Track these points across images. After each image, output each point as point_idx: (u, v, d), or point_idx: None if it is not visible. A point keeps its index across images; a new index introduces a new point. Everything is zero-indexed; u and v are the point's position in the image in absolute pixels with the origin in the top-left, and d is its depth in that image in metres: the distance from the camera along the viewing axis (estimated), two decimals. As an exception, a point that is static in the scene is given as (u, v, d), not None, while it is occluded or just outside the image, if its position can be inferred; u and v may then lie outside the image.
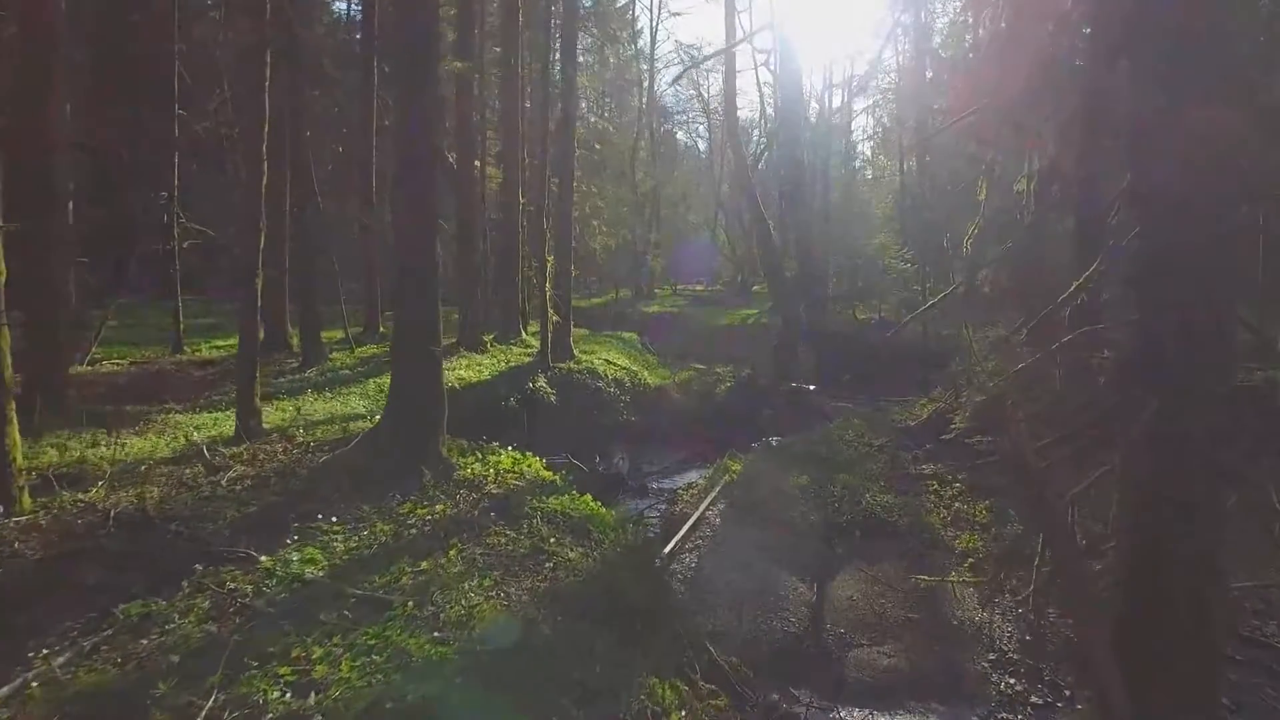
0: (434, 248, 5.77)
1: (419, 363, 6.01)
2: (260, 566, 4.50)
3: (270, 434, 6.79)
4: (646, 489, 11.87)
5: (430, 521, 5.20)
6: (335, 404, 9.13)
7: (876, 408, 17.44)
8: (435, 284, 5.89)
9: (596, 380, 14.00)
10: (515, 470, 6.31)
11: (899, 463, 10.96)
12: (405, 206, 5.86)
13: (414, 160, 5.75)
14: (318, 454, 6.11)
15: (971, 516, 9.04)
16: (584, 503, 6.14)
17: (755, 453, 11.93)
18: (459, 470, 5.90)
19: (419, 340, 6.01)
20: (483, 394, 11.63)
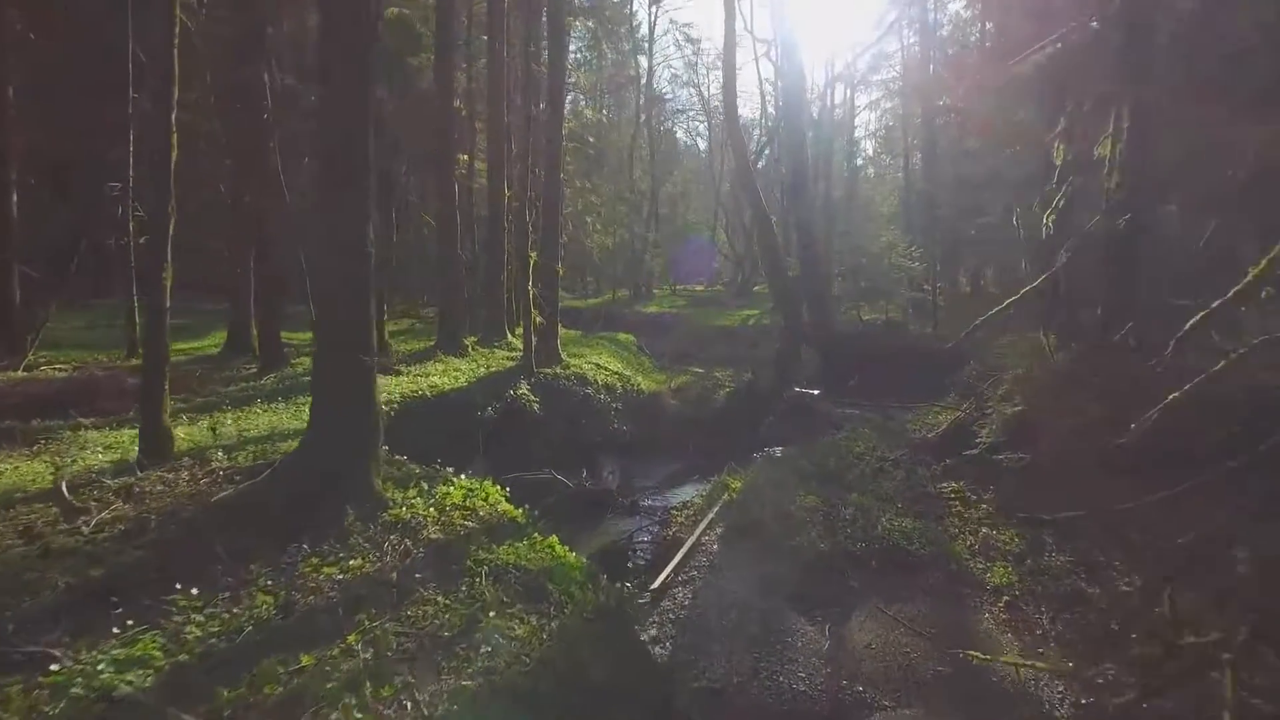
0: (364, 236, 4.70)
1: (345, 377, 4.93)
2: (50, 678, 3.16)
3: (182, 458, 5.73)
4: (638, 507, 10.82)
5: (338, 585, 4.03)
6: (283, 417, 8.11)
7: (886, 415, 16.39)
8: (366, 281, 4.82)
9: (585, 386, 12.97)
10: (467, 505, 5.25)
11: (916, 480, 9.91)
12: (326, 186, 4.82)
13: (338, 130, 4.70)
14: (225, 486, 5.05)
15: (1002, 544, 7.98)
16: (546, 549, 5.09)
17: (757, 467, 10.89)
18: (393, 508, 4.81)
19: (345, 349, 4.89)
20: (456, 403, 10.59)
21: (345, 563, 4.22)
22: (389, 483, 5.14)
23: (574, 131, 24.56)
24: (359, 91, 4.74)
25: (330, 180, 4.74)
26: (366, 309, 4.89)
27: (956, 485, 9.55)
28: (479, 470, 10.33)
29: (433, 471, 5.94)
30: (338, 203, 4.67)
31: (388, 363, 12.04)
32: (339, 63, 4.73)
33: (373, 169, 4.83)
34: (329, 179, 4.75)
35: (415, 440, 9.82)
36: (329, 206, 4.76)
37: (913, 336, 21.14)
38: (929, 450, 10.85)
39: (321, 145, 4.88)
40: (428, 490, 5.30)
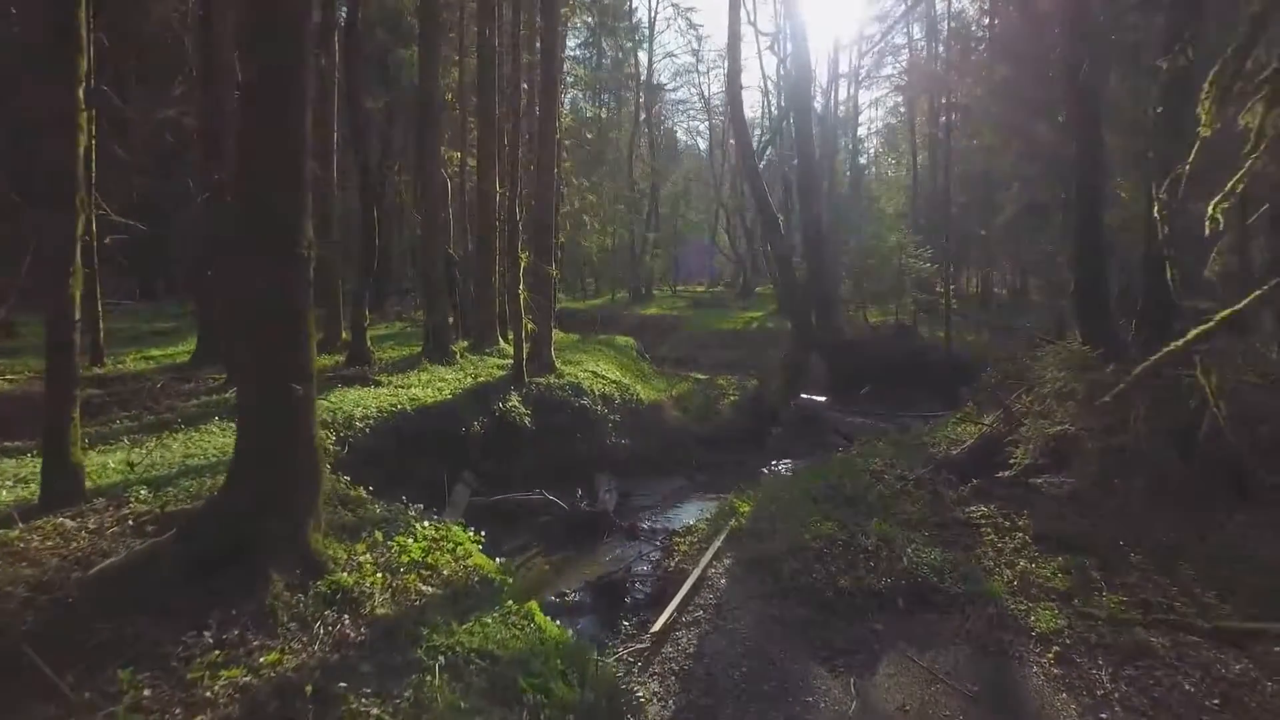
0: (299, 232, 3.81)
1: (273, 410, 3.96)
2: None
3: (96, 499, 4.82)
4: (637, 530, 9.97)
5: (240, 695, 3.00)
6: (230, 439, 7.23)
7: (900, 426, 15.53)
8: (299, 288, 3.91)
9: (581, 396, 12.11)
10: (429, 562, 4.36)
11: (942, 503, 9.04)
12: (248, 169, 3.89)
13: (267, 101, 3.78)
14: (134, 540, 4.16)
15: (1043, 579, 7.12)
16: (523, 621, 4.18)
17: (766, 487, 10.03)
18: (333, 572, 3.93)
19: (273, 374, 3.91)
20: (439, 418, 9.74)
21: (256, 659, 3.22)
22: (332, 537, 4.22)
23: (571, 128, 23.72)
24: (291, 52, 3.84)
25: (252, 161, 3.83)
26: (299, 323, 3.94)
27: (987, 509, 8.69)
28: (462, 494, 9.48)
29: (396, 512, 5.06)
30: (262, 188, 3.77)
31: (368, 372, 11.20)
32: (264, 24, 3.84)
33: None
34: (251, 158, 3.84)
35: (391, 461, 8.99)
36: (249, 191, 3.84)
37: (925, 341, 20.28)
38: (954, 469, 9.99)
39: (242, 121, 3.99)
40: (383, 541, 4.40)
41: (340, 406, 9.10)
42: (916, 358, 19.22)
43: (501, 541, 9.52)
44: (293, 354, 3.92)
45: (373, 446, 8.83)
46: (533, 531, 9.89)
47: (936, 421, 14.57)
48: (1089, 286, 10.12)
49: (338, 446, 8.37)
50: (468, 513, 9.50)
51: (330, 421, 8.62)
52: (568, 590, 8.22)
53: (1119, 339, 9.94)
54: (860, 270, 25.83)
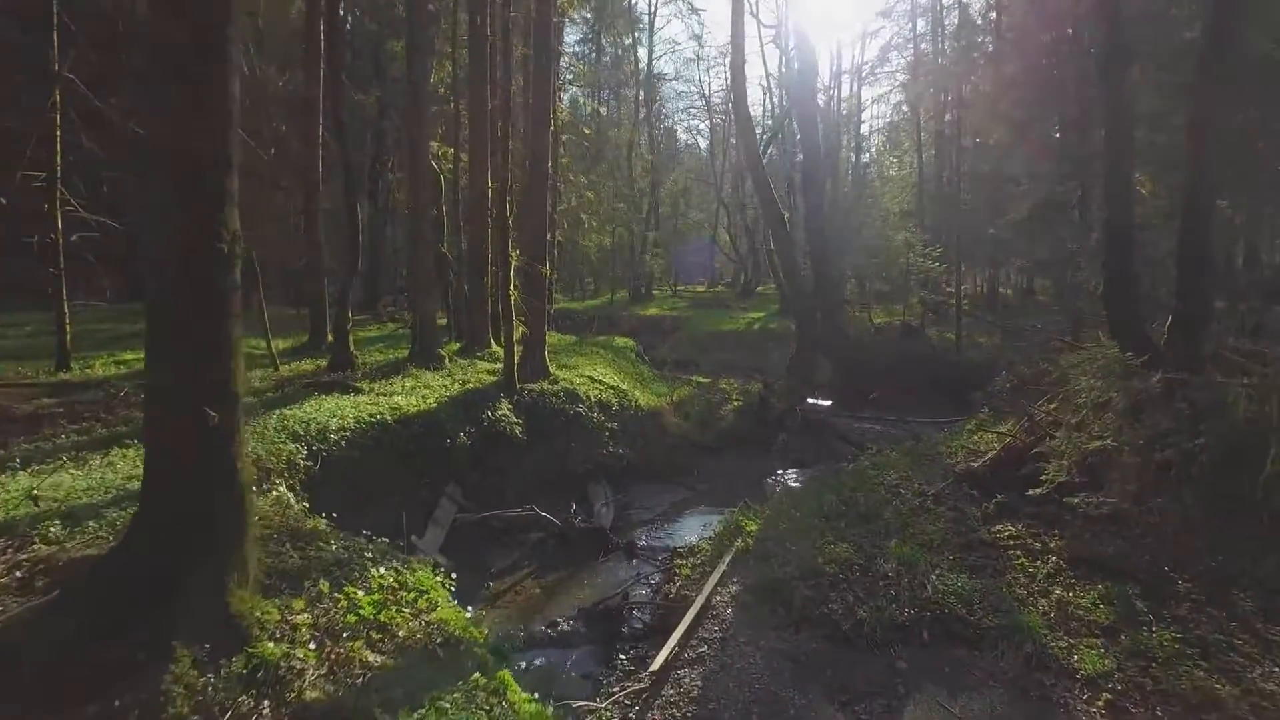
0: (220, 223, 3.11)
1: (184, 439, 3.25)
2: None
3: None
4: (635, 548, 9.30)
5: None
6: None
7: (911, 433, 14.85)
8: (223, 290, 3.20)
9: (576, 404, 11.43)
10: (382, 620, 3.62)
11: (965, 522, 8.36)
12: (165, 142, 3.18)
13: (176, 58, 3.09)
14: (21, 596, 3.48)
15: (1084, 610, 6.45)
16: (492, 700, 3.41)
17: (774, 504, 9.36)
18: (257, 640, 3.20)
19: (186, 394, 3.22)
20: (422, 429, 9.06)
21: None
22: (266, 588, 3.52)
23: (568, 123, 23.01)
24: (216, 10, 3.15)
25: (168, 134, 3.11)
26: (217, 333, 3.25)
27: (1014, 529, 8.01)
28: (447, 511, 8.81)
29: (353, 550, 4.37)
30: (180, 169, 3.07)
31: (349, 378, 10.53)
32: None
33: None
34: (167, 132, 3.12)
35: (370, 477, 8.32)
36: (165, 172, 3.13)
37: (933, 343, 19.58)
38: (975, 482, 9.31)
39: (156, 91, 3.25)
40: (329, 593, 3.70)
41: (315, 417, 8.43)
42: (925, 360, 18.53)
43: (490, 561, 8.86)
44: (209, 370, 3.22)
45: (349, 461, 8.17)
46: (524, 550, 9.22)
47: (949, 428, 13.91)
48: (1120, 287, 9.44)
49: (310, 461, 7.70)
50: (453, 530, 8.84)
51: (302, 434, 7.95)
52: (560, 619, 7.54)
53: (1152, 343, 9.25)
54: (865, 269, 25.16)
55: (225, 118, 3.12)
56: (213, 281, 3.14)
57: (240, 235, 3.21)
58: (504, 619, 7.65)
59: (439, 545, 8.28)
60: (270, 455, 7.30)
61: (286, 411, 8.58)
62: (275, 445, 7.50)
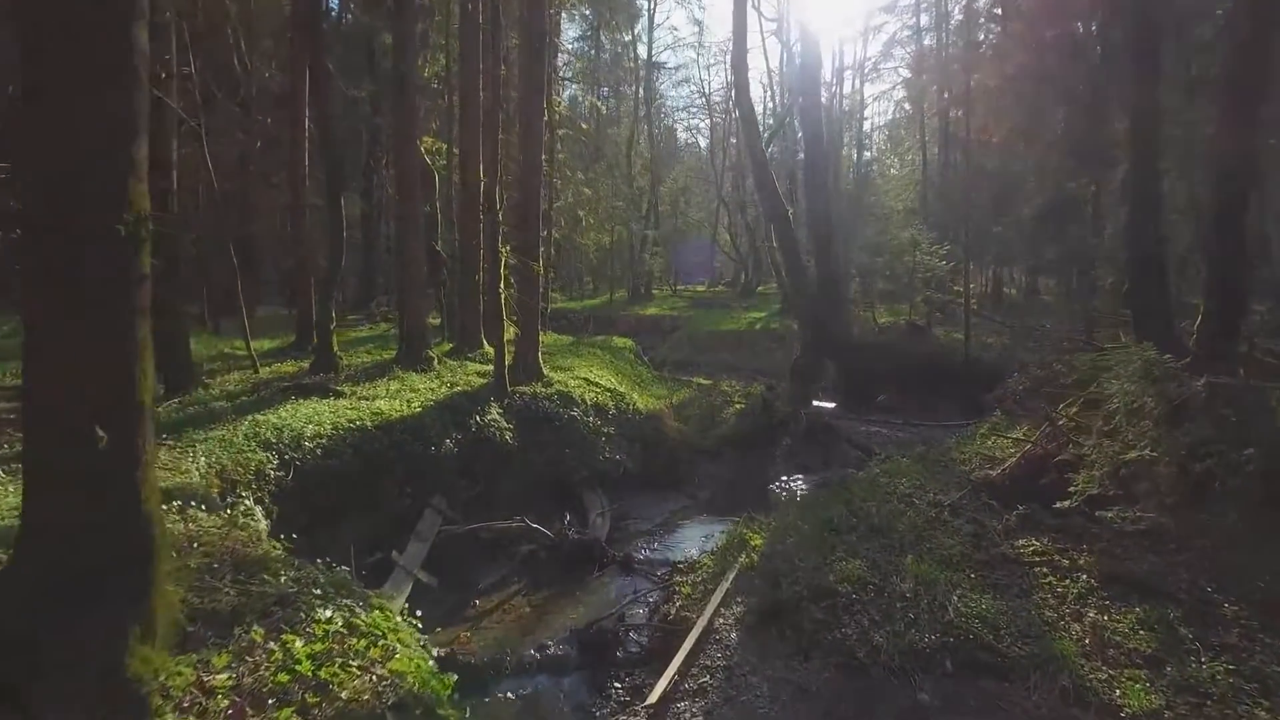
0: (119, 198, 2.50)
1: (70, 462, 2.68)
2: None
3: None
4: (632, 562, 8.74)
5: None
6: None
7: (920, 437, 14.30)
8: (125, 282, 2.60)
9: (570, 407, 10.87)
10: (322, 678, 2.98)
11: (986, 535, 7.80)
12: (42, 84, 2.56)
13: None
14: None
15: (1122, 637, 5.88)
16: None
17: (780, 515, 8.80)
18: (156, 716, 2.69)
19: (73, 409, 2.65)
20: (404, 435, 8.50)
21: None
22: (175, 649, 2.90)
23: (566, 118, 22.46)
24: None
25: (44, 73, 2.52)
26: (115, 336, 2.68)
27: (1039, 544, 7.45)
28: (431, 523, 8.25)
29: (304, 582, 3.78)
30: (58, 119, 2.48)
31: (330, 381, 9.97)
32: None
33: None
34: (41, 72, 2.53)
35: (347, 487, 7.77)
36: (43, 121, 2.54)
37: (941, 343, 19.02)
38: (994, 492, 8.76)
39: None
40: (263, 643, 3.12)
41: (290, 422, 7.88)
42: (933, 361, 17.97)
43: (478, 576, 8.31)
44: (101, 379, 2.64)
45: (325, 470, 7.62)
46: (514, 564, 8.67)
47: (961, 432, 13.36)
48: (1146, 285, 8.89)
49: (281, 471, 7.15)
50: (438, 544, 8.29)
51: (274, 441, 7.40)
52: (550, 641, 6.99)
53: (1182, 344, 8.70)
54: (869, 268, 24.60)
55: (129, 73, 2.56)
56: (108, 270, 2.59)
57: (148, 216, 2.66)
58: (491, 641, 7.11)
59: (421, 560, 7.73)
60: (237, 466, 6.75)
61: (260, 417, 8.03)
62: (244, 454, 6.95)
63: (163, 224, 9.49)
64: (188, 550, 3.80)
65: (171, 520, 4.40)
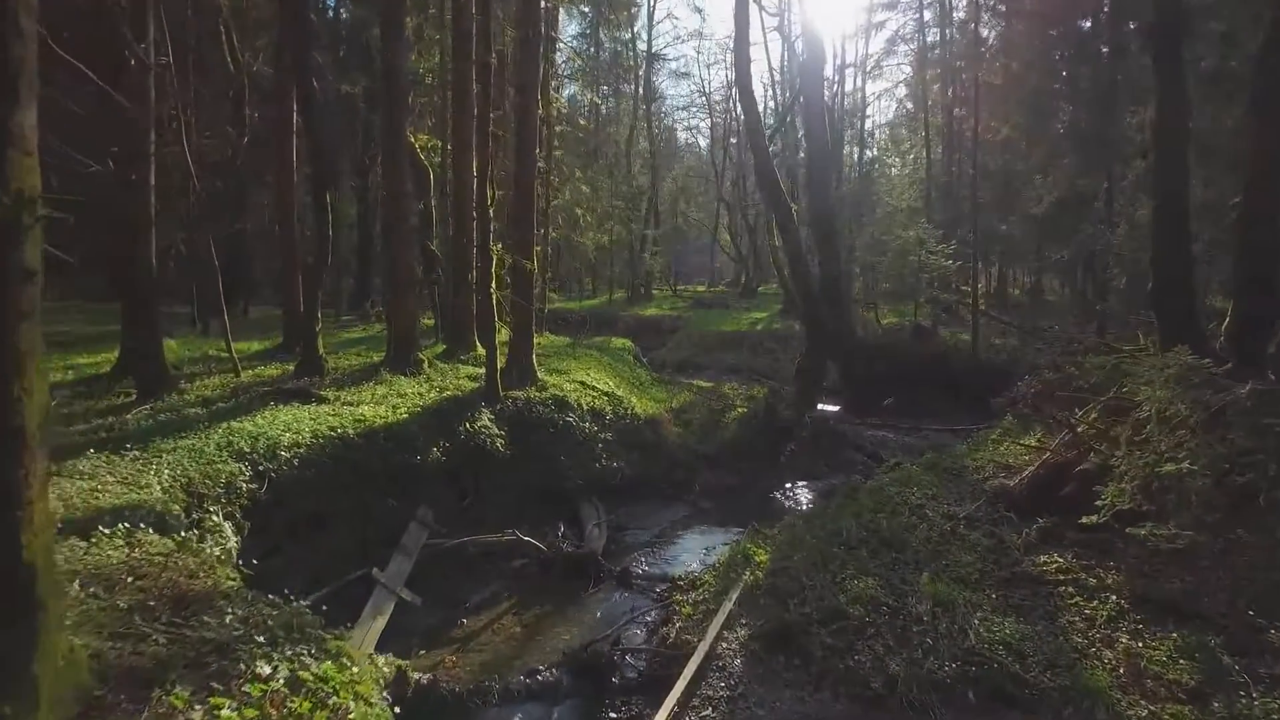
0: None
1: None
2: None
3: None
4: (629, 577, 8.28)
5: None
6: (80, 486, 5.45)
7: (928, 441, 13.86)
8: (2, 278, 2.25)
9: (566, 412, 10.41)
10: None
11: (1005, 551, 7.36)
12: None
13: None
14: None
15: (1159, 666, 5.43)
16: None
17: (786, 526, 8.34)
18: None
19: None
20: (389, 443, 8.04)
21: None
22: (88, 700, 2.42)
23: (564, 114, 21.99)
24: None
25: None
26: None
27: (1063, 561, 7.01)
28: (416, 537, 7.80)
29: (254, 621, 3.28)
30: None
31: (313, 385, 9.51)
32: None
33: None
34: None
35: (325, 502, 7.33)
36: None
37: (947, 345, 18.56)
38: (1012, 503, 8.31)
39: None
40: (184, 708, 2.55)
41: (267, 430, 7.42)
42: (939, 363, 17.51)
43: (466, 594, 7.85)
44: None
45: (302, 481, 7.16)
46: (504, 580, 8.22)
47: (971, 437, 12.90)
48: (1172, 285, 8.43)
49: (254, 484, 6.69)
50: (423, 559, 7.83)
51: (248, 451, 6.95)
52: (541, 666, 6.53)
53: (1209, 347, 8.24)
54: (873, 267, 24.14)
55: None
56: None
57: (37, 200, 2.22)
58: (477, 665, 6.66)
59: (405, 577, 7.27)
60: (205, 478, 6.29)
61: (235, 424, 7.58)
62: (214, 466, 6.50)
63: (133, 218, 9.05)
64: (121, 585, 3.36)
65: (114, 547, 3.95)
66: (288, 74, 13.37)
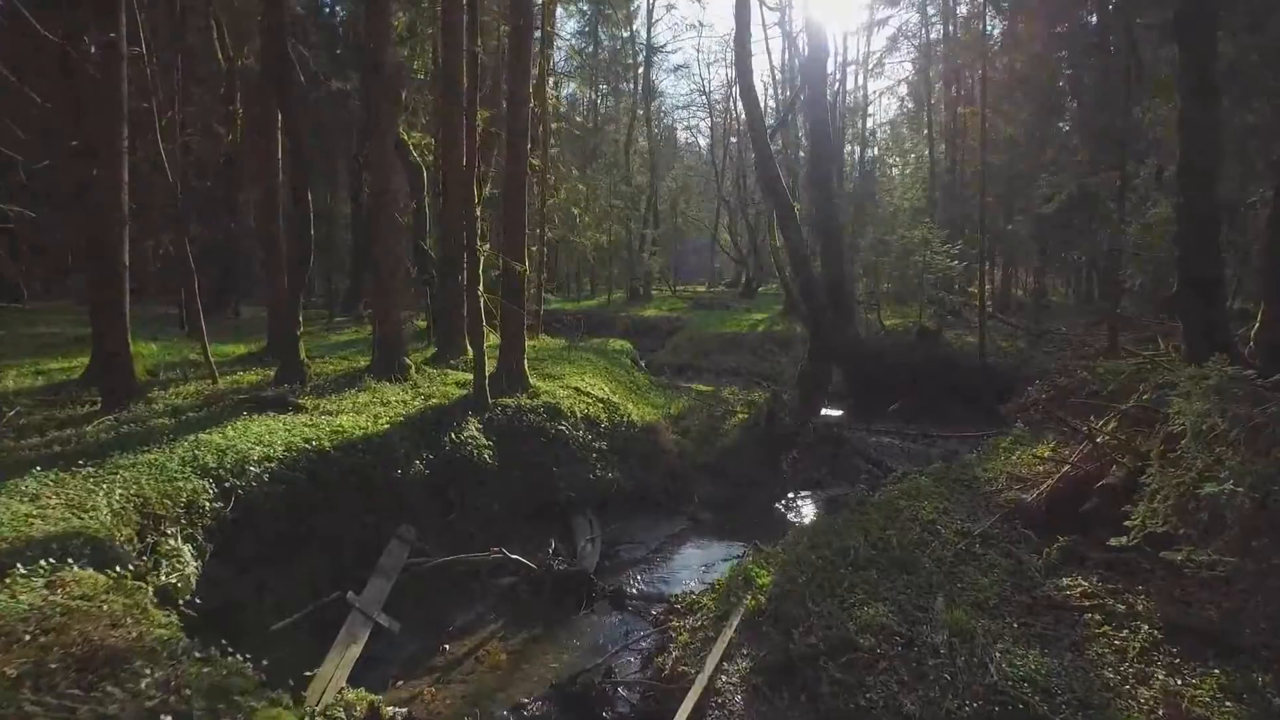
0: None
1: None
2: None
3: None
4: (623, 598, 7.83)
5: None
6: (28, 509, 4.99)
7: (935, 448, 13.39)
8: None
9: (558, 420, 9.93)
10: None
11: (1024, 573, 6.89)
12: None
13: None
14: None
15: (1204, 709, 4.94)
16: None
17: (788, 544, 7.86)
18: None
19: None
20: (368, 456, 7.56)
21: None
22: None
23: (564, 113, 21.50)
24: None
25: None
26: None
27: (1088, 585, 6.54)
28: (396, 556, 7.34)
29: (180, 683, 2.81)
30: None
31: (290, 393, 9.04)
32: None
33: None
34: None
35: (298, 520, 6.86)
36: None
37: (953, 348, 18.09)
38: (1029, 519, 7.84)
39: None
40: None
41: (237, 443, 6.95)
42: (946, 367, 17.03)
43: (450, 616, 7.39)
44: None
45: (273, 498, 6.69)
46: (491, 600, 7.76)
47: (980, 445, 12.43)
48: (1199, 287, 7.95)
49: (219, 502, 6.22)
50: (405, 580, 7.35)
51: (214, 466, 6.48)
52: (526, 699, 6.07)
53: (1240, 354, 7.77)
54: (875, 268, 23.65)
55: None
56: None
57: None
58: (459, 697, 6.19)
59: (383, 600, 6.80)
60: (163, 497, 5.82)
61: (204, 436, 7.11)
62: (174, 483, 6.02)
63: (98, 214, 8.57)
64: (19, 643, 2.87)
65: (29, 590, 3.48)
66: (270, 66, 12.91)
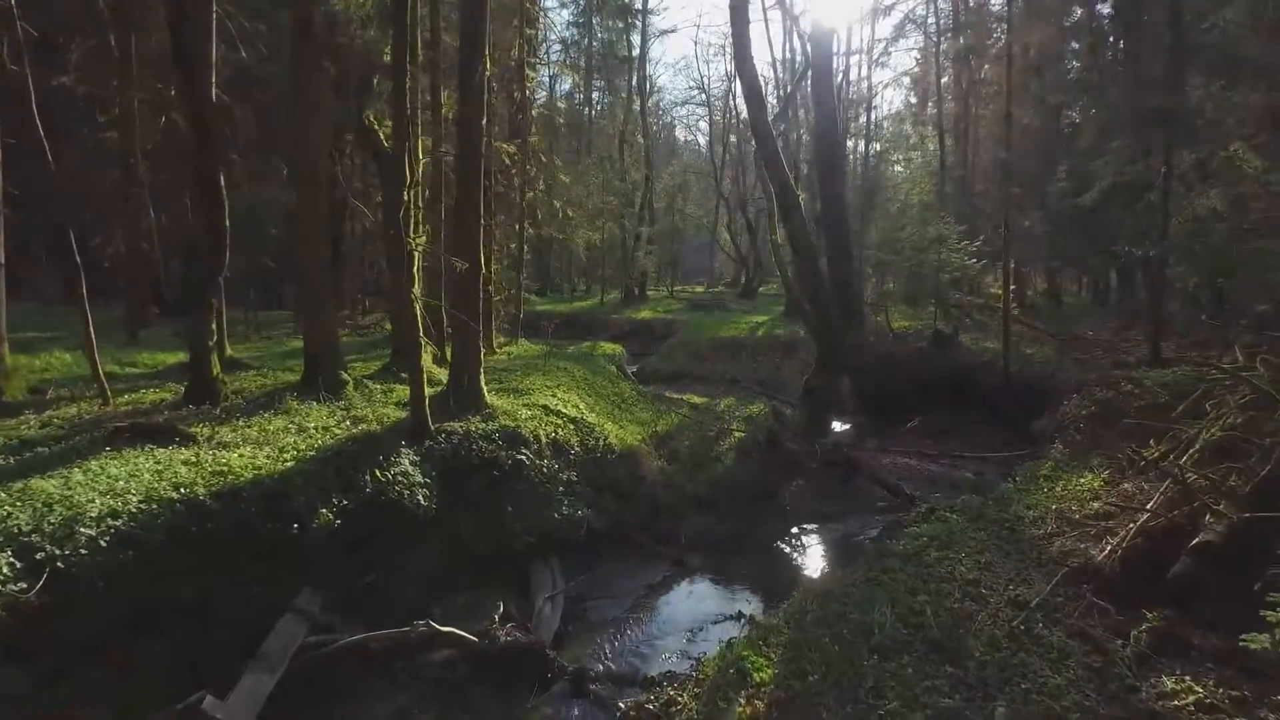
0: None
1: None
2: None
3: None
4: (586, 680, 6.19)
5: None
6: None
7: (962, 473, 11.70)
8: None
9: (517, 448, 8.27)
10: None
11: (1107, 667, 5.22)
12: None
13: None
14: None
15: None
16: None
17: (794, 616, 6.21)
18: None
19: None
20: (257, 507, 5.88)
21: None
22: None
23: (539, 98, 19.84)
24: None
25: None
26: None
27: (1197, 689, 4.87)
28: (287, 637, 5.70)
29: None
30: None
31: (187, 419, 7.41)
32: None
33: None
34: None
35: (148, 598, 5.23)
36: None
37: (973, 355, 16.41)
38: (1099, 584, 6.18)
39: None
40: None
41: (73, 494, 5.32)
42: (966, 376, 15.36)
43: (364, 714, 5.72)
44: None
45: (114, 569, 5.04)
46: (419, 687, 6.10)
47: (1012, 469, 10.75)
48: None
49: (18, 584, 4.58)
50: (302, 667, 5.70)
51: (28, 528, 4.85)
52: None
53: None
54: (885, 267, 21.99)
55: None
56: None
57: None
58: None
59: (262, 702, 5.16)
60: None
61: (36, 484, 5.48)
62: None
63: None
64: None
65: None
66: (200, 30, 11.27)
